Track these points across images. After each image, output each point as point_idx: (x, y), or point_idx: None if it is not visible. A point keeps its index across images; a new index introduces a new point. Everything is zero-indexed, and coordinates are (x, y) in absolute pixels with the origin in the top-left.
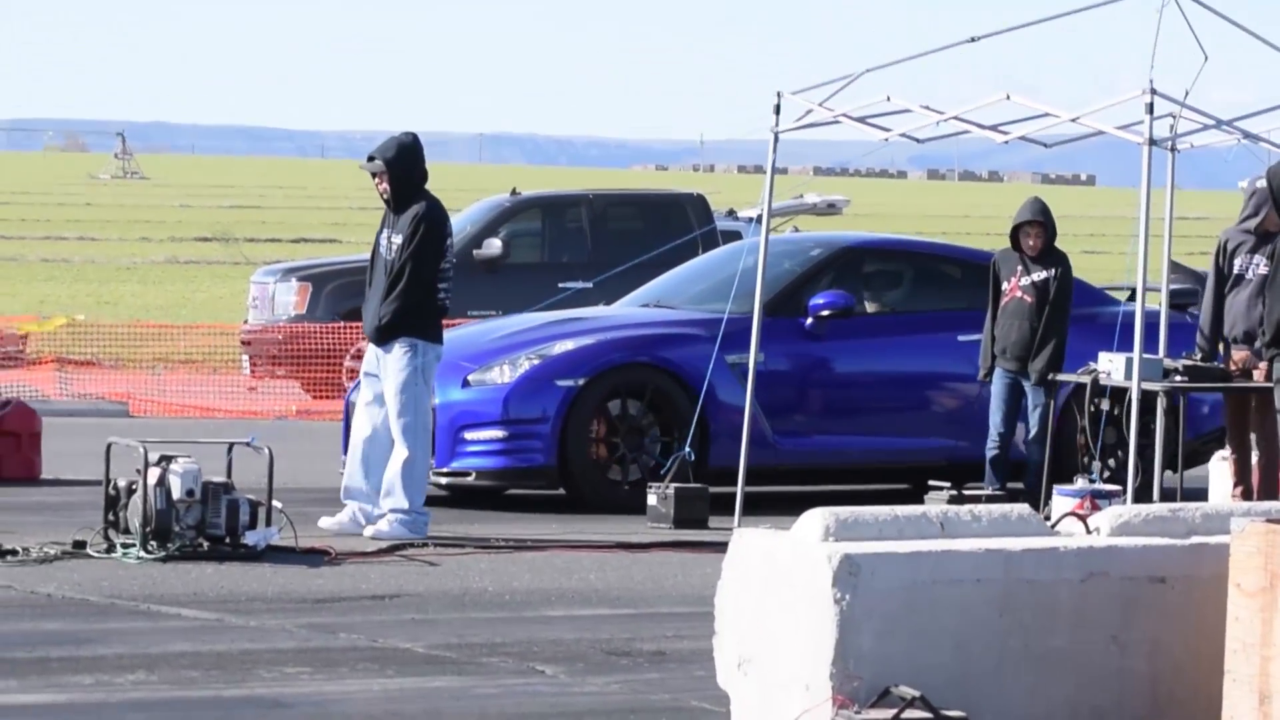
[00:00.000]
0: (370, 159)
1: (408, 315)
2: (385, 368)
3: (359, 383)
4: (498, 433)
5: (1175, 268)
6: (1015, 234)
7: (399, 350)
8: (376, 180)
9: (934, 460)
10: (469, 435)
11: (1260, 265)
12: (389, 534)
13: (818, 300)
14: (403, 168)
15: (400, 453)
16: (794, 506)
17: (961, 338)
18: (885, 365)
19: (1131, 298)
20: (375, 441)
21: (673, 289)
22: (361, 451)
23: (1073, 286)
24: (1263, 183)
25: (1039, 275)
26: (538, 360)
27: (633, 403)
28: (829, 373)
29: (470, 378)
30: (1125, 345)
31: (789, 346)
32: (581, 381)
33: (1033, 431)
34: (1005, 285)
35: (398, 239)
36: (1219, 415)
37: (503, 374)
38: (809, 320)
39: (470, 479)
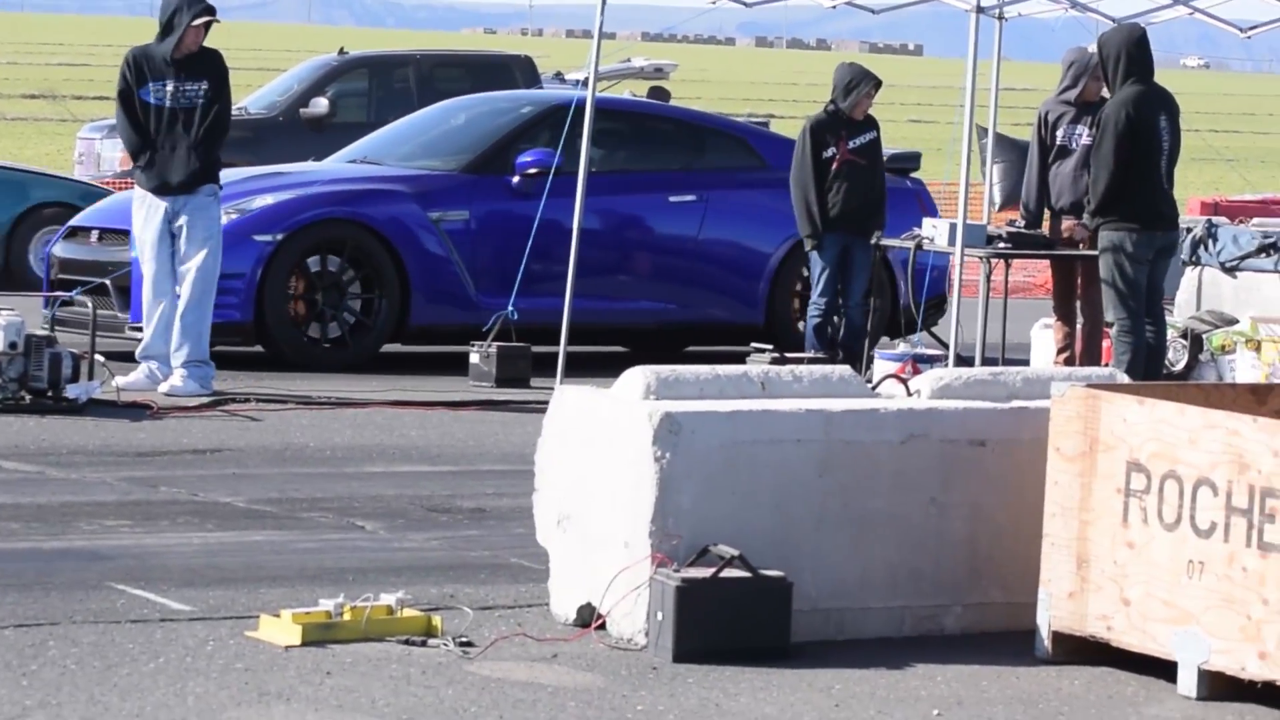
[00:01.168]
0: (209, 10)
1: (217, 161)
2: (190, 215)
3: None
4: None
5: (982, 133)
6: (847, 96)
7: (205, 198)
8: (199, 31)
9: (643, 323)
10: None
11: (1083, 136)
12: (183, 390)
13: (525, 158)
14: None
15: (197, 301)
16: (616, 368)
17: (673, 198)
18: (592, 225)
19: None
20: (171, 301)
21: (381, 146)
22: (160, 312)
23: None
24: (1080, 52)
25: (867, 137)
26: (235, 215)
27: (333, 259)
28: (534, 232)
29: None
30: None
31: (495, 205)
32: (279, 237)
33: (858, 295)
34: (831, 150)
35: (198, 86)
36: (942, 282)
37: None
38: (516, 178)
39: None
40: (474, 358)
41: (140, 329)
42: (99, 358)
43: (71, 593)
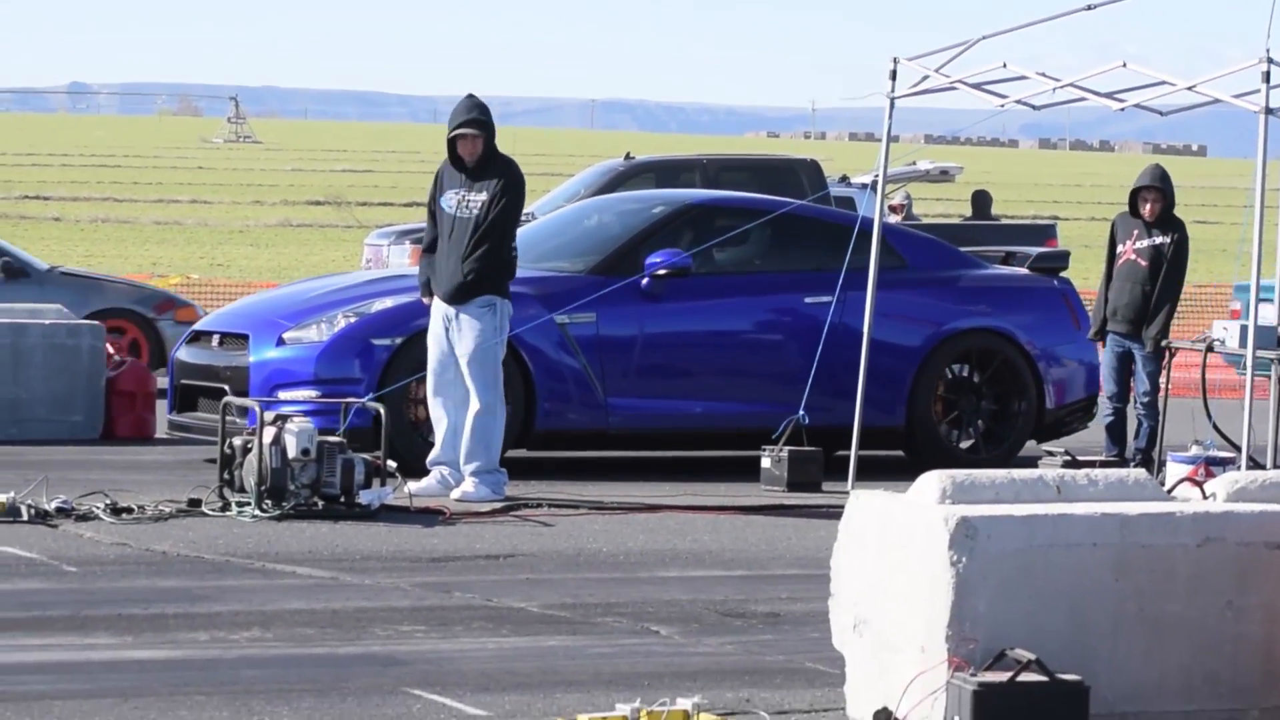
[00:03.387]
0: (467, 123)
1: (491, 273)
2: (461, 326)
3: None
4: (311, 392)
5: None
6: (1134, 199)
7: (477, 308)
8: (467, 141)
9: (770, 426)
10: (283, 395)
11: None
12: (475, 496)
13: (654, 259)
14: (492, 129)
15: (484, 410)
16: (906, 473)
17: (808, 299)
18: (723, 326)
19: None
20: (460, 409)
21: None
22: (442, 417)
23: (1188, 255)
24: None
25: (1156, 240)
26: (354, 318)
27: None
28: (664, 334)
29: (286, 335)
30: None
31: (624, 307)
32: (399, 341)
33: (1144, 397)
34: (1120, 248)
35: (480, 197)
36: (1090, 383)
37: (318, 332)
38: (645, 280)
39: None
40: (765, 462)
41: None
42: (390, 464)
43: (368, 698)
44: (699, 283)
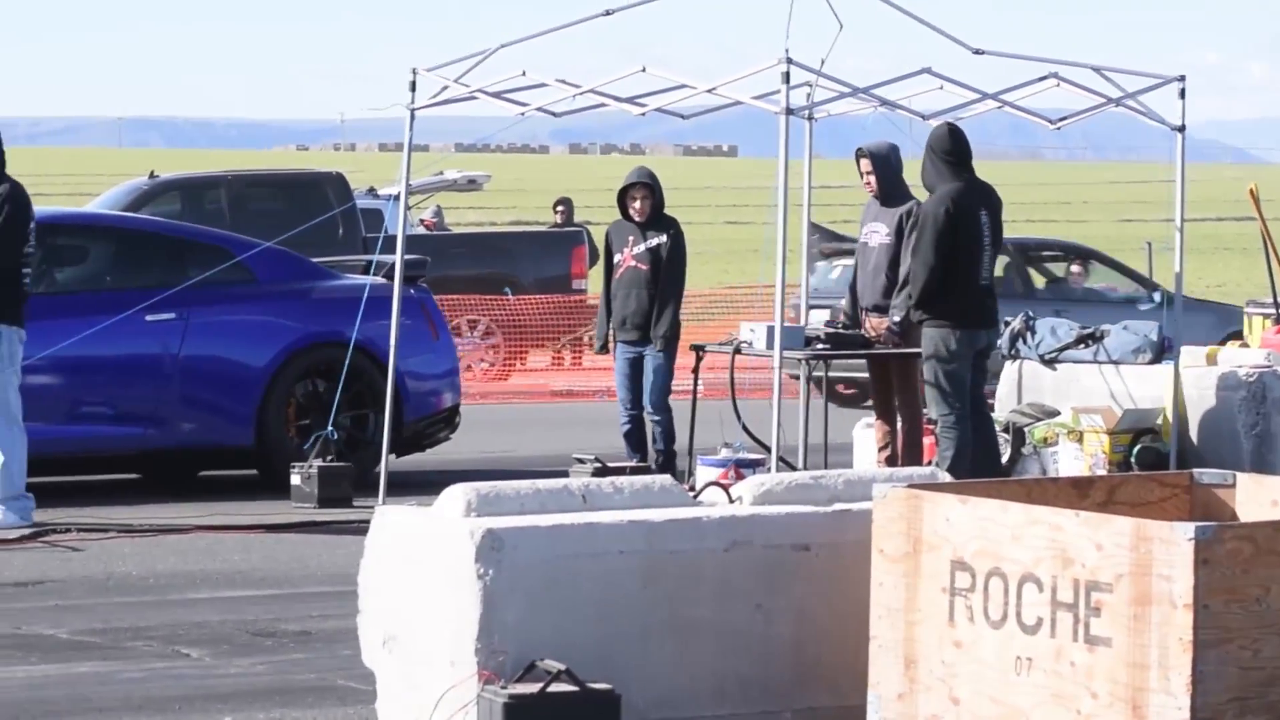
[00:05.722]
0: None
1: (7, 301)
2: None
3: None
4: None
5: (815, 229)
6: (623, 200)
7: None
8: None
9: (125, 449)
10: None
11: (883, 233)
12: (2, 523)
13: None
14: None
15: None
16: (438, 487)
17: (150, 318)
18: (64, 348)
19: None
20: None
21: None
22: None
23: (685, 250)
24: (878, 146)
25: (651, 242)
26: None
27: None
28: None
29: None
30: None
31: None
32: None
33: (655, 398)
34: (618, 256)
35: None
36: (450, 393)
37: None
38: None
39: None
40: (295, 479)
41: None
42: None
43: None
44: (40, 303)
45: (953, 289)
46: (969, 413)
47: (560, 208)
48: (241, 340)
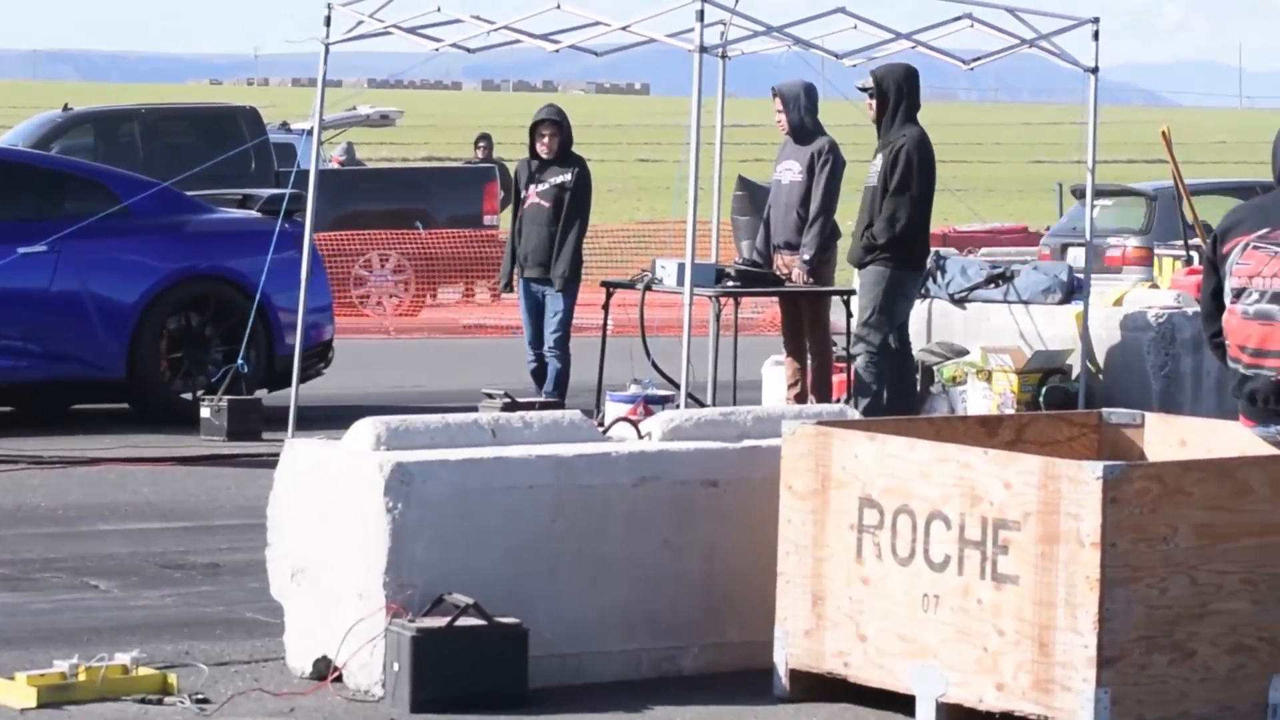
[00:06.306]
0: None
1: None
2: None
3: None
4: None
5: (744, 184)
6: (532, 136)
7: None
8: None
9: (30, 380)
10: None
11: (795, 171)
12: None
13: None
14: None
15: None
16: (349, 420)
17: (22, 251)
18: None
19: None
20: None
21: None
22: None
23: (590, 189)
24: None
25: (557, 179)
26: None
27: None
28: None
29: None
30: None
31: None
32: None
33: (554, 336)
34: (524, 193)
35: None
36: (325, 328)
37: None
38: None
39: None
40: (205, 412)
41: None
42: None
43: None
44: None
45: (918, 230)
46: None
47: (481, 144)
48: (113, 274)
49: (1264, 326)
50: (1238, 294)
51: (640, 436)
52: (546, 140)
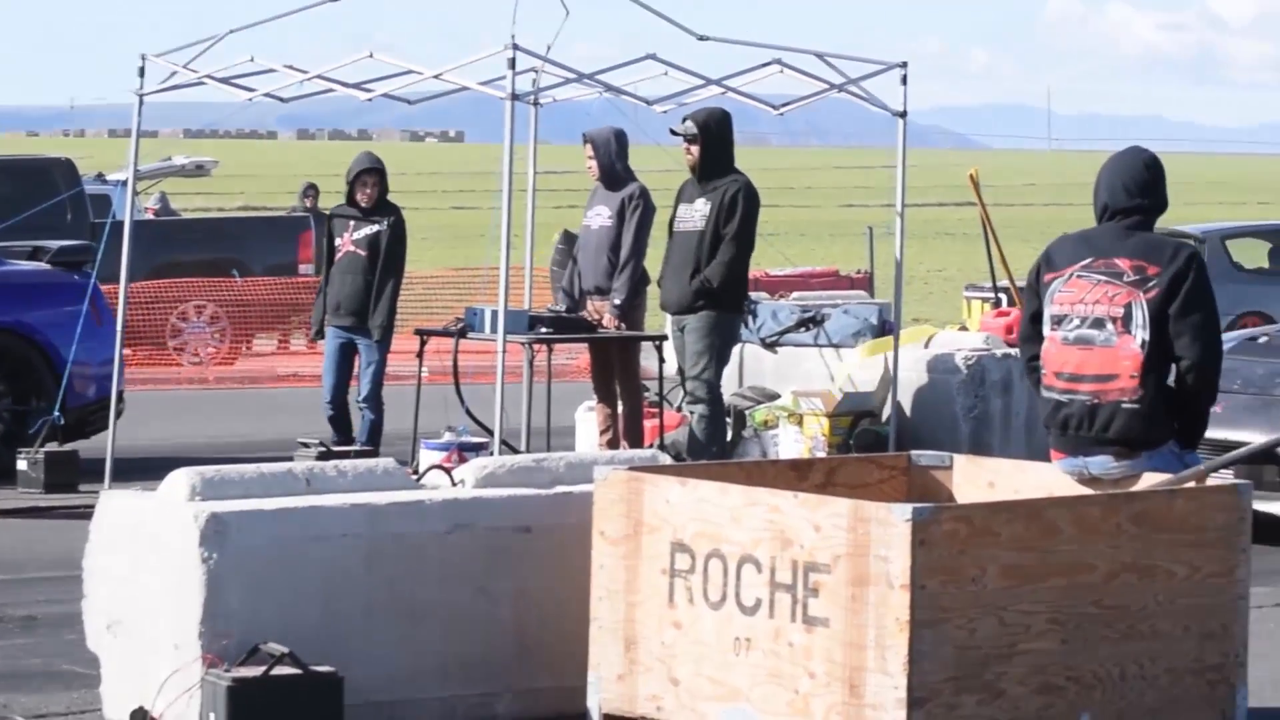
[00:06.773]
0: None
1: None
2: None
3: None
4: None
5: (567, 237)
6: (352, 187)
7: None
8: None
9: None
10: None
11: (605, 216)
12: None
13: None
14: None
15: None
16: (165, 471)
17: None
18: None
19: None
20: None
21: None
22: None
23: (405, 236)
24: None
25: (372, 228)
26: None
27: None
28: None
29: None
30: None
31: None
32: None
33: (369, 388)
34: (339, 241)
35: None
36: (108, 383)
37: None
38: None
39: None
40: (21, 464)
41: None
42: None
43: None
44: None
45: (746, 276)
46: None
47: (309, 194)
48: None
49: (1082, 351)
50: (1058, 321)
51: (454, 484)
52: (369, 190)
